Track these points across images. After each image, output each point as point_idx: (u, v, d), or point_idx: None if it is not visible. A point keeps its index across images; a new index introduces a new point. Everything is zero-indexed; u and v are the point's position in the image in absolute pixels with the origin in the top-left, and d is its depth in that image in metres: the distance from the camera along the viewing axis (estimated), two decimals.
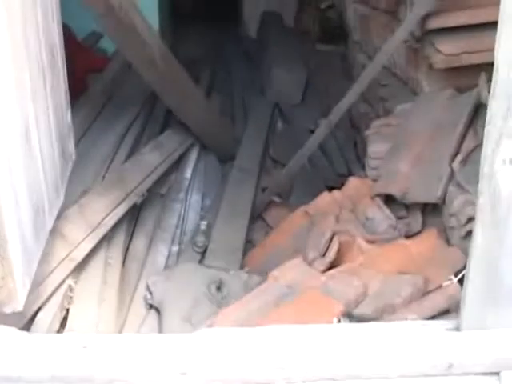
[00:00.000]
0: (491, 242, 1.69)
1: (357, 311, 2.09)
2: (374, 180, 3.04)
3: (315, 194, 4.16)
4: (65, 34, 2.33)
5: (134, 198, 2.80)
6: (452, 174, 2.63)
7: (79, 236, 2.26)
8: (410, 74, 3.50)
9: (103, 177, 2.90)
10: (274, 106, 5.34)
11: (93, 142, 3.22)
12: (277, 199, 3.77)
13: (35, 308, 2.00)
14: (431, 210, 2.77)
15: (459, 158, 2.62)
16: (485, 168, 1.63)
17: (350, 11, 4.78)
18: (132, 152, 3.38)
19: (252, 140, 4.30)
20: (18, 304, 1.56)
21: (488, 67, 3.04)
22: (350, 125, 5.08)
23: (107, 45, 5.05)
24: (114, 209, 2.56)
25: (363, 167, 4.44)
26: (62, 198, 1.99)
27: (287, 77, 5.47)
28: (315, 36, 7.62)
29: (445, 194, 2.61)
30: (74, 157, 2.15)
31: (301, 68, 5.69)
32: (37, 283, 1.93)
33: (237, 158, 3.93)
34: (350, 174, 4.40)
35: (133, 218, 3.00)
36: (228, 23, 9.37)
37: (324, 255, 2.50)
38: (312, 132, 5.01)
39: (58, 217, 2.11)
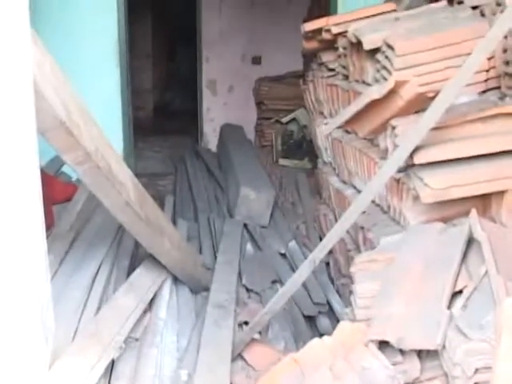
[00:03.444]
0: None
1: None
2: (364, 320, 2.92)
3: (293, 326, 4.04)
4: None
5: (111, 353, 2.61)
6: (451, 318, 2.52)
7: None
8: (392, 203, 3.45)
9: (76, 330, 2.72)
10: (242, 227, 5.24)
11: (61, 288, 3.06)
12: (256, 335, 3.62)
13: None
14: (428, 354, 2.64)
15: (459, 303, 2.53)
16: None
17: (321, 133, 4.76)
18: (104, 294, 3.23)
19: (224, 270, 4.18)
20: None
21: (475, 199, 3.04)
22: None
23: (71, 170, 4.93)
24: (90, 371, 2.36)
25: (338, 293, 4.39)
26: None
27: (256, 197, 5.40)
28: (278, 150, 7.67)
29: (444, 339, 2.50)
30: (53, 330, 1.98)
31: (269, 187, 5.63)
32: None
33: (211, 292, 3.78)
34: (328, 302, 4.31)
35: (107, 369, 2.79)
36: (187, 136, 9.42)
37: None
38: (283, 255, 4.94)
39: None
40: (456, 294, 2.66)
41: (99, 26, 5.64)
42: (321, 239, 5.03)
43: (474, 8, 3.71)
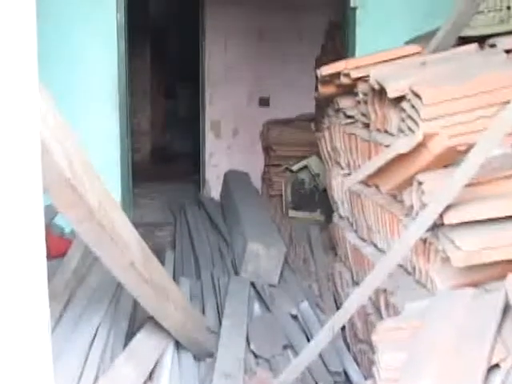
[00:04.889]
0: None
1: None
2: None
3: None
4: None
5: None
6: None
7: None
8: (418, 265, 3.44)
9: None
10: (249, 286, 5.22)
11: (55, 356, 3.01)
12: None
13: None
14: None
15: (497, 379, 2.51)
16: None
17: (337, 185, 4.77)
18: (101, 362, 3.21)
19: (231, 335, 4.16)
20: None
21: (510, 262, 3.03)
22: (336, 306, 4.99)
23: (64, 222, 4.95)
24: None
25: (355, 360, 4.34)
26: None
27: (265, 253, 5.39)
28: (287, 201, 7.66)
29: None
30: None
31: (279, 242, 5.62)
32: None
33: (217, 359, 3.77)
34: (344, 370, 4.27)
35: None
36: (188, 183, 9.46)
37: None
38: (294, 317, 4.91)
39: None
40: (492, 368, 2.64)
41: (98, 64, 5.70)
42: (335, 300, 5.04)
43: (508, 52, 3.74)
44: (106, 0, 5.62)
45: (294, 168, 7.77)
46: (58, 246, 4.52)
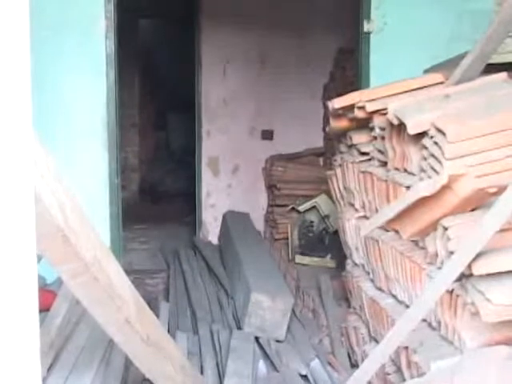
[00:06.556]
0: None
1: None
2: None
3: None
4: None
5: None
6: None
7: None
8: (443, 319, 3.45)
9: None
10: (253, 342, 5.21)
11: None
12: None
13: None
14: None
15: None
16: None
17: (351, 228, 4.79)
18: None
19: None
20: None
21: None
22: (350, 364, 4.98)
23: (46, 272, 4.94)
24: None
25: None
26: None
27: (270, 305, 5.39)
28: (294, 245, 7.64)
29: None
30: None
31: (285, 292, 5.63)
32: None
33: None
34: None
35: None
36: (182, 225, 9.47)
37: None
38: (304, 377, 4.90)
39: None
40: None
41: (85, 95, 5.69)
42: (350, 357, 5.02)
43: None
44: (94, 26, 5.64)
45: (301, 208, 7.74)
46: (40, 298, 4.49)
